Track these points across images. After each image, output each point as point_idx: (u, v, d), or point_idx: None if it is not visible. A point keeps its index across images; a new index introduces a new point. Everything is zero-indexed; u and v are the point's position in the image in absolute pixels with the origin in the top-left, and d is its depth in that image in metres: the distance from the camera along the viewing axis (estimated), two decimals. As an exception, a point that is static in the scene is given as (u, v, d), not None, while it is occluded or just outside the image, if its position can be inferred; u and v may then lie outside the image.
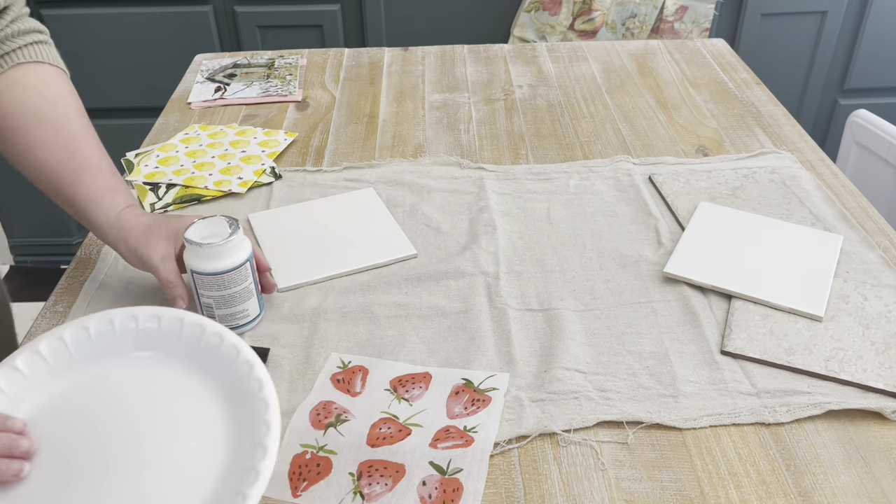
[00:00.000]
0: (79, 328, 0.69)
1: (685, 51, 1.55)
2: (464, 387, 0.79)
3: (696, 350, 0.83)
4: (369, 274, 0.95)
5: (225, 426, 0.63)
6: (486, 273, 0.94)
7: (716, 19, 2.04)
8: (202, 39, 2.03)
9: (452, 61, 1.50)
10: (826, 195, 1.08)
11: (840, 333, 0.84)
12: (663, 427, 0.75)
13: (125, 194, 0.88)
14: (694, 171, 1.14)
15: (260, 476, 0.57)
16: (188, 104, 1.36)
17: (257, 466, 0.58)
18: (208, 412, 0.64)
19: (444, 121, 1.29)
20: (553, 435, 0.74)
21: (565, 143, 1.23)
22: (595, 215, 1.05)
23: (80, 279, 0.95)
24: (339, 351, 0.84)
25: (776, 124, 1.28)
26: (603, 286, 0.93)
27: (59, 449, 0.62)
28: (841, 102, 2.23)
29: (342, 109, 1.33)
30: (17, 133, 0.85)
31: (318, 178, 1.14)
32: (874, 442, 0.73)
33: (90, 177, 0.86)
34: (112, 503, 0.58)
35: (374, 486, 0.69)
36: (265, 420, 0.61)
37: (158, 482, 0.59)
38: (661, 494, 0.68)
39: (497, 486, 0.69)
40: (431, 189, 1.11)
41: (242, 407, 0.63)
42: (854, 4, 2.07)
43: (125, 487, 0.59)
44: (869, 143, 1.55)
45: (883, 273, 0.94)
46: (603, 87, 1.40)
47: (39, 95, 0.86)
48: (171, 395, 0.66)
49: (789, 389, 0.78)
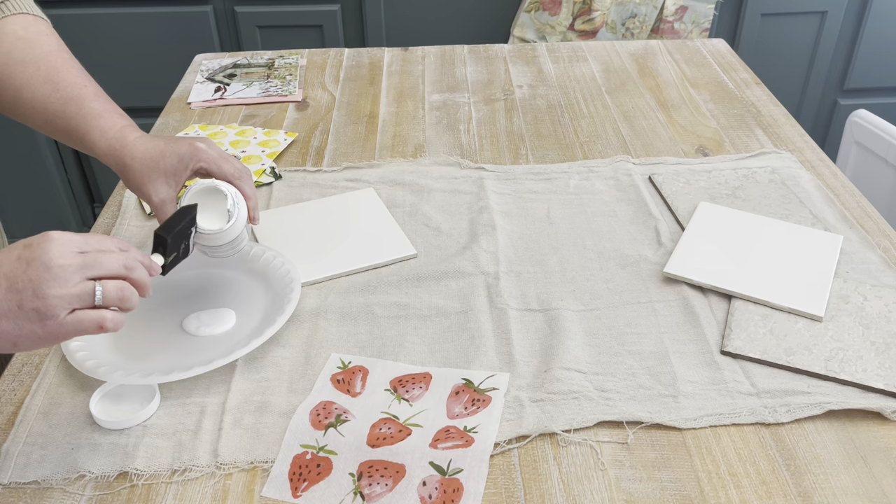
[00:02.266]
0: None
1: (685, 51, 1.55)
2: (464, 387, 0.79)
3: (696, 350, 0.83)
4: (369, 274, 0.95)
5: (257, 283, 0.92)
6: (486, 273, 0.94)
7: (716, 19, 2.04)
8: (202, 39, 2.03)
9: (452, 61, 1.50)
10: (826, 195, 1.08)
11: (840, 333, 0.84)
12: (663, 427, 0.75)
13: (113, 117, 0.86)
14: (694, 171, 1.14)
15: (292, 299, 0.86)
16: (188, 104, 1.36)
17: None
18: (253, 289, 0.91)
19: (444, 121, 1.29)
20: (553, 435, 0.74)
21: (565, 143, 1.23)
22: (595, 215, 1.05)
23: (81, 279, 0.95)
24: (339, 351, 0.84)
25: (776, 124, 1.28)
26: (603, 286, 0.93)
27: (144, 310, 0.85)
28: (841, 102, 2.23)
29: (342, 109, 1.33)
30: (2, 80, 0.85)
31: (318, 178, 1.14)
32: (874, 442, 0.73)
33: (76, 106, 0.85)
34: (200, 328, 0.85)
35: (375, 486, 0.69)
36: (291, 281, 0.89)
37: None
38: (661, 494, 0.69)
39: (497, 486, 0.69)
40: (431, 189, 1.11)
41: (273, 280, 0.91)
42: (854, 4, 2.07)
43: (206, 320, 0.86)
44: (869, 143, 1.55)
45: (883, 273, 0.94)
46: (603, 87, 1.40)
47: (17, 38, 0.87)
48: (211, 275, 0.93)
49: (789, 389, 0.78)
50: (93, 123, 0.85)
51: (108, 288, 0.64)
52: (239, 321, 0.87)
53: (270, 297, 0.90)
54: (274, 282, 0.91)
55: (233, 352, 0.79)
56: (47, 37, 0.89)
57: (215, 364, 0.78)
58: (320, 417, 0.75)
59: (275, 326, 0.83)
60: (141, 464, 0.71)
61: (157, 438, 0.74)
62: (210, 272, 0.94)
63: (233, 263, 0.94)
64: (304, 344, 0.85)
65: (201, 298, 0.90)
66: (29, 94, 0.85)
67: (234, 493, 0.69)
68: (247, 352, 0.80)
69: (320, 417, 0.75)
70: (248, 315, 0.88)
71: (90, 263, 0.63)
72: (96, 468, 0.71)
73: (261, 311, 0.88)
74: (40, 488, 0.69)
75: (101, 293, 0.63)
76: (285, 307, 0.85)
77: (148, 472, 0.71)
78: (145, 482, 0.70)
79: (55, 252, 0.62)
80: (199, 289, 0.92)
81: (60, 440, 0.74)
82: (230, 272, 0.94)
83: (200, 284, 0.93)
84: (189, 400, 0.78)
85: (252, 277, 0.93)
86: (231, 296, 0.91)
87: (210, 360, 0.78)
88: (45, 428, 0.75)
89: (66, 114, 0.85)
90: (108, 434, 0.74)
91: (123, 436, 0.74)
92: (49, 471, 0.71)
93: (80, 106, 0.85)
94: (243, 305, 0.89)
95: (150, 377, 0.76)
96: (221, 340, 0.84)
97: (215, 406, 0.77)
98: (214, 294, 0.91)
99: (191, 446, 0.73)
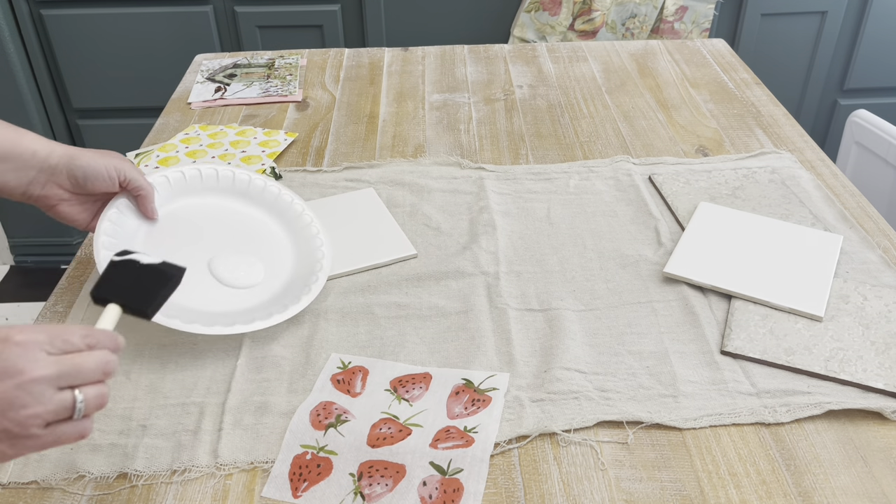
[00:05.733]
0: (175, 172, 0.95)
1: (685, 51, 1.55)
2: (464, 387, 0.79)
3: (696, 350, 0.83)
4: (369, 274, 0.95)
5: (290, 243, 0.96)
6: (486, 273, 0.94)
7: (716, 19, 2.04)
8: (202, 39, 2.03)
9: (452, 61, 1.50)
10: (826, 195, 1.08)
11: (840, 333, 0.84)
12: (663, 427, 0.75)
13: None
14: (694, 171, 1.14)
15: (319, 279, 0.90)
16: (188, 104, 1.36)
17: (317, 274, 0.90)
18: (276, 232, 0.97)
19: (444, 121, 1.29)
20: (553, 435, 0.74)
21: (565, 143, 1.23)
22: (595, 215, 1.05)
23: (80, 279, 0.95)
24: (339, 351, 0.84)
25: (776, 124, 1.28)
26: (603, 286, 0.93)
27: (174, 243, 0.90)
28: (841, 102, 2.23)
29: (342, 109, 1.33)
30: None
31: (318, 178, 1.14)
32: (874, 442, 0.73)
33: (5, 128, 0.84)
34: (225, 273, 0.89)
35: (375, 486, 0.69)
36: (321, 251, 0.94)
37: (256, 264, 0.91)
38: (661, 494, 0.68)
39: (497, 486, 0.69)
40: (431, 189, 1.11)
41: (300, 235, 0.97)
42: (854, 4, 2.07)
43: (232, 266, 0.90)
44: (869, 143, 1.55)
45: (883, 273, 0.94)
46: (603, 88, 1.40)
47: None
48: (249, 220, 0.97)
49: (789, 389, 0.78)
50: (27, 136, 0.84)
51: (90, 397, 0.57)
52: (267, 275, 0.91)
53: (297, 256, 0.94)
54: (301, 242, 0.95)
55: (271, 314, 0.84)
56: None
57: (255, 325, 0.82)
58: (320, 417, 0.75)
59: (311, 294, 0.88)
60: (140, 464, 0.71)
61: (156, 439, 0.74)
62: (239, 210, 0.98)
63: (264, 205, 0.99)
64: (304, 344, 0.85)
65: (231, 236, 0.94)
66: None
67: (234, 494, 0.69)
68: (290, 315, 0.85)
69: (320, 417, 0.75)
70: (274, 273, 0.92)
71: (67, 372, 0.56)
72: (96, 469, 0.71)
73: (288, 273, 0.92)
74: (40, 488, 0.69)
75: (83, 407, 0.57)
76: (319, 274, 0.90)
77: (147, 472, 0.71)
78: (145, 482, 0.70)
79: (24, 363, 0.54)
80: (228, 226, 0.95)
81: (60, 440, 0.74)
82: (260, 214, 0.98)
83: (229, 220, 0.96)
84: (189, 400, 0.78)
85: (281, 227, 0.97)
86: (258, 243, 0.94)
87: (251, 319, 0.83)
88: (45, 428, 0.75)
89: None
90: (108, 434, 0.74)
91: (122, 436, 0.74)
92: (49, 471, 0.71)
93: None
94: (269, 258, 0.93)
95: (193, 325, 0.80)
96: (253, 295, 0.88)
97: (215, 406, 0.77)
98: (243, 235, 0.95)
99: (190, 447, 0.73)
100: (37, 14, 2.00)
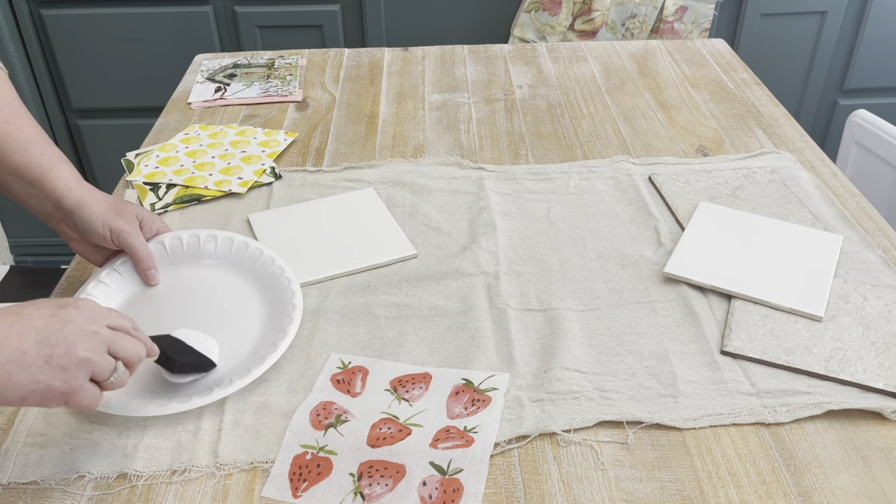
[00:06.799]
0: (156, 244, 0.93)
1: (685, 51, 1.55)
2: (464, 387, 0.79)
3: (696, 350, 0.83)
4: (369, 274, 0.95)
5: (262, 302, 0.89)
6: (486, 273, 0.94)
7: (716, 19, 2.04)
8: (202, 39, 2.03)
9: (452, 61, 1.50)
10: (826, 195, 1.08)
11: (840, 333, 0.84)
12: (663, 427, 0.75)
13: (69, 165, 0.89)
14: (694, 171, 1.14)
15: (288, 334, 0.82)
16: (188, 104, 1.36)
17: (286, 329, 0.83)
18: (251, 296, 0.90)
19: (444, 121, 1.29)
20: (553, 435, 0.74)
21: (565, 144, 1.23)
22: (595, 215, 1.05)
23: (80, 279, 0.95)
24: (339, 351, 0.84)
25: (776, 124, 1.28)
26: (603, 286, 0.93)
27: (152, 314, 0.87)
28: (841, 102, 2.23)
29: (342, 109, 1.33)
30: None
31: (318, 178, 1.14)
32: (874, 442, 0.73)
33: (41, 147, 0.87)
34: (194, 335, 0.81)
35: (375, 486, 0.69)
36: (293, 302, 0.87)
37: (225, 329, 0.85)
38: (661, 494, 0.68)
39: (497, 486, 0.69)
40: (431, 189, 1.11)
41: (275, 294, 0.89)
42: (854, 4, 2.07)
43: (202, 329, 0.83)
44: (869, 143, 1.55)
45: (883, 273, 0.94)
46: (603, 88, 1.40)
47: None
48: (226, 286, 0.91)
49: (789, 389, 0.78)
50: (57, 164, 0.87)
51: (123, 373, 0.67)
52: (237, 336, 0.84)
53: (269, 305, 0.88)
54: (273, 289, 0.89)
55: (232, 382, 0.77)
56: None
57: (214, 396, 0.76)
58: (320, 417, 0.75)
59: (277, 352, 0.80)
60: (140, 464, 0.71)
61: (156, 439, 0.74)
62: (203, 273, 0.93)
63: (229, 266, 0.93)
64: (304, 344, 0.85)
65: (195, 302, 0.88)
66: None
67: (234, 494, 0.69)
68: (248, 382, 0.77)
69: (320, 417, 0.75)
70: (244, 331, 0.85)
71: (116, 340, 0.66)
72: (95, 469, 0.71)
73: (260, 324, 0.85)
74: (40, 488, 0.69)
75: (118, 375, 0.66)
76: (287, 328, 0.83)
77: (147, 472, 0.71)
78: (145, 483, 0.70)
79: (90, 319, 0.65)
80: (192, 293, 0.90)
81: (59, 440, 0.74)
82: (224, 274, 0.93)
83: (193, 285, 0.91)
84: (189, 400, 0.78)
85: (248, 281, 0.91)
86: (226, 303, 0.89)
87: (209, 389, 0.77)
88: (45, 428, 0.75)
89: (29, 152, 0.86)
90: (108, 434, 0.74)
91: (122, 436, 0.74)
92: (48, 471, 0.71)
93: (46, 148, 0.87)
94: (238, 314, 0.87)
95: (147, 409, 0.74)
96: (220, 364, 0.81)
97: (215, 406, 0.77)
98: (207, 299, 0.89)
99: (190, 446, 0.73)
100: (37, 14, 2.00)
